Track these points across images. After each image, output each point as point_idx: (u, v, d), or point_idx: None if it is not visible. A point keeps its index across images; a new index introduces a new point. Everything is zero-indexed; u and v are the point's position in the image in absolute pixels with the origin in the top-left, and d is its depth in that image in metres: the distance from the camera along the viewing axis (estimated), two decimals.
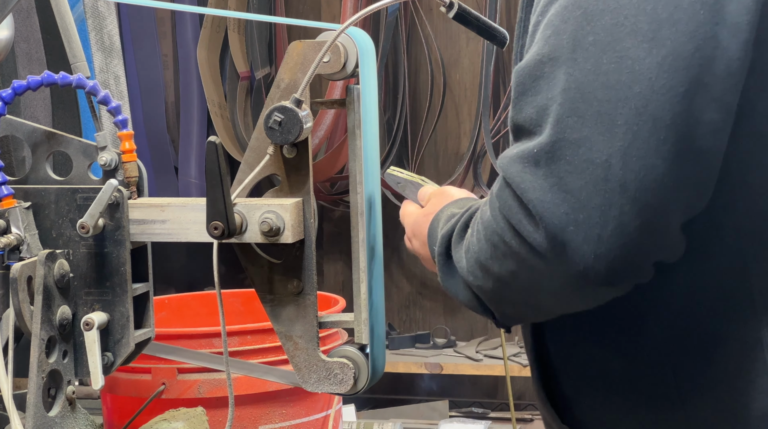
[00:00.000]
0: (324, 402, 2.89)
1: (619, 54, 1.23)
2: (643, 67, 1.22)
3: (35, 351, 1.54)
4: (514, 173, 1.26)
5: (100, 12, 4.01)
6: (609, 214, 1.22)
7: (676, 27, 1.23)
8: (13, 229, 1.59)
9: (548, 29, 1.28)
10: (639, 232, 1.23)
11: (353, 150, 1.60)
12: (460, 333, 4.87)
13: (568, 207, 1.22)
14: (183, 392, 2.78)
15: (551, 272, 1.27)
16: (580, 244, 1.23)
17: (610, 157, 1.22)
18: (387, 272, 4.82)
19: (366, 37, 1.61)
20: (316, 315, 1.59)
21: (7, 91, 1.62)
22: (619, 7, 1.24)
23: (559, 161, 1.23)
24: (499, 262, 1.31)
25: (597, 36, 1.24)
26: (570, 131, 1.23)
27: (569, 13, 1.26)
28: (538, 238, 1.24)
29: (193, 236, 1.57)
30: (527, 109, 1.28)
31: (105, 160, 1.61)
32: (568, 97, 1.24)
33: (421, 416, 4.63)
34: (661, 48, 1.22)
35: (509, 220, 1.27)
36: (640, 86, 1.22)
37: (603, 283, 1.26)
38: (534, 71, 1.27)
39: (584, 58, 1.24)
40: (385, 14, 4.58)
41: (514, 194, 1.26)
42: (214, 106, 4.60)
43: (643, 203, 1.22)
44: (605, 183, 1.22)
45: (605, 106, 1.22)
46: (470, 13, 1.69)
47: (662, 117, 1.22)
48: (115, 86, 4.05)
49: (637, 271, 1.27)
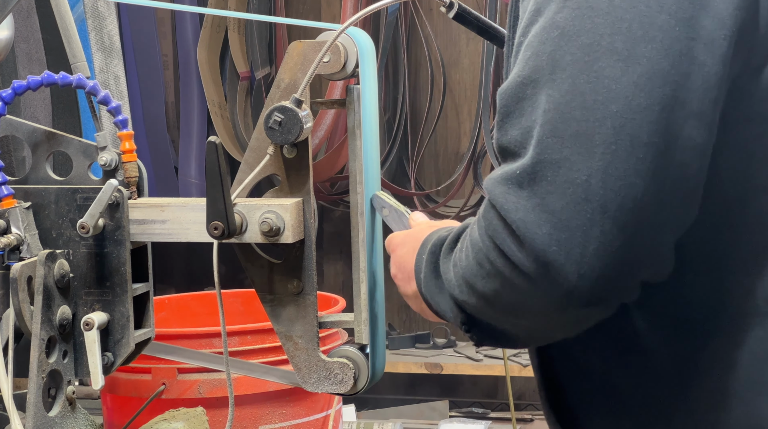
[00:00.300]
0: (324, 402, 2.89)
1: (596, 74, 1.23)
2: (620, 86, 1.23)
3: (35, 351, 1.54)
4: (498, 194, 1.27)
5: (100, 12, 4.01)
6: (591, 233, 1.22)
7: (651, 45, 1.23)
8: (13, 229, 1.59)
9: (528, 50, 1.28)
10: (621, 252, 1.23)
11: (353, 150, 1.60)
12: (460, 333, 4.86)
13: (551, 227, 1.23)
14: (183, 392, 2.78)
15: (535, 292, 1.27)
16: (563, 263, 1.23)
17: (590, 177, 1.22)
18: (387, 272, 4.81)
19: (366, 37, 1.61)
20: (316, 315, 1.59)
21: (7, 91, 1.62)
22: (595, 26, 1.24)
23: (541, 182, 1.24)
24: (485, 280, 1.31)
25: (574, 56, 1.24)
26: (550, 152, 1.24)
27: (547, 33, 1.27)
28: (521, 257, 1.25)
29: (193, 236, 1.57)
30: (512, 131, 1.29)
31: (105, 160, 1.61)
32: (548, 118, 1.25)
33: (421, 416, 4.63)
34: (636, 66, 1.23)
35: (494, 240, 1.28)
36: (617, 105, 1.22)
37: (586, 304, 1.26)
38: (516, 93, 1.28)
39: (562, 78, 1.25)
40: (385, 14, 4.58)
41: (498, 215, 1.27)
42: (214, 106, 4.60)
43: (623, 222, 1.23)
44: (586, 203, 1.22)
45: (583, 126, 1.23)
46: (470, 13, 1.69)
47: (639, 135, 1.22)
48: (115, 86, 4.05)
49: (622, 290, 1.27)
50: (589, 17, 1.24)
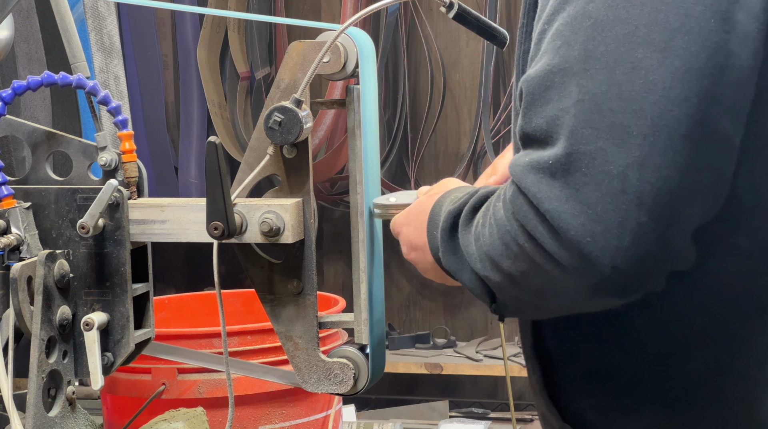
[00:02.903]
0: (324, 402, 2.89)
1: (632, 65, 1.23)
2: (657, 77, 1.22)
3: (35, 351, 1.54)
4: (530, 183, 1.26)
5: (100, 12, 4.01)
6: (626, 226, 1.22)
7: (689, 36, 1.22)
8: (13, 229, 1.59)
9: (557, 39, 1.27)
10: (656, 244, 1.23)
11: (353, 150, 1.60)
12: (460, 333, 4.87)
13: (586, 218, 1.22)
14: (183, 392, 2.78)
15: (565, 279, 1.27)
16: (598, 255, 1.23)
17: (626, 169, 1.22)
18: (387, 272, 4.82)
19: (366, 37, 1.61)
20: (316, 315, 1.59)
21: (7, 91, 1.62)
22: (630, 17, 1.24)
23: (576, 173, 1.23)
24: (511, 261, 1.31)
25: (609, 47, 1.24)
26: (585, 143, 1.23)
27: (579, 23, 1.26)
28: (555, 246, 1.25)
29: (193, 236, 1.57)
30: (537, 119, 1.27)
31: (105, 160, 1.61)
32: (582, 108, 1.23)
33: (421, 416, 4.63)
34: (674, 58, 1.22)
35: (524, 226, 1.27)
36: (655, 97, 1.22)
37: (617, 294, 1.27)
38: (544, 81, 1.27)
39: (596, 69, 1.24)
40: (385, 14, 4.58)
41: (529, 202, 1.26)
42: (214, 106, 4.60)
43: (659, 214, 1.22)
44: (622, 195, 1.22)
45: (620, 118, 1.22)
46: (470, 13, 1.69)
47: (677, 128, 1.21)
48: (115, 86, 4.05)
49: (652, 282, 1.27)
50: (624, 8, 1.24)
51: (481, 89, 4.52)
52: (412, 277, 4.91)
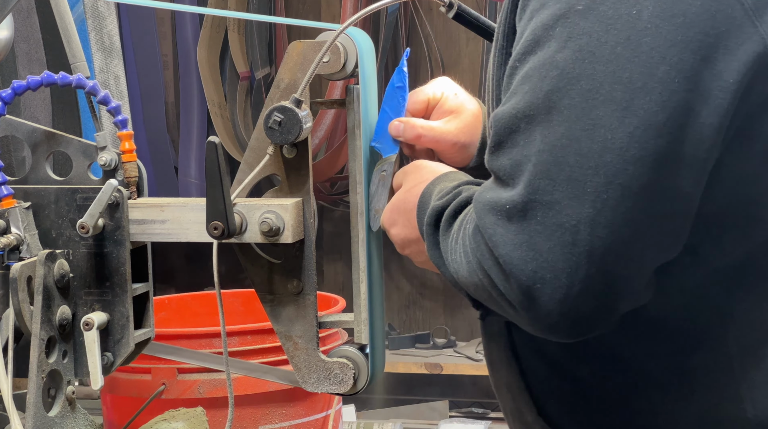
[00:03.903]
0: (324, 402, 2.90)
1: (592, 122, 1.24)
2: (616, 136, 1.23)
3: (35, 351, 1.54)
4: (487, 224, 1.28)
5: (100, 12, 4.01)
6: (575, 276, 1.24)
7: (650, 96, 1.23)
8: (13, 229, 1.59)
9: (525, 83, 1.28)
10: (604, 293, 1.25)
11: (353, 150, 1.60)
12: (460, 333, 4.87)
13: (536, 265, 1.24)
14: (183, 392, 2.78)
15: (518, 318, 1.30)
16: (547, 301, 1.25)
17: (579, 223, 1.23)
18: (387, 272, 4.82)
19: (366, 37, 1.61)
20: (315, 315, 1.59)
21: (7, 91, 1.62)
22: (596, 73, 1.24)
23: (530, 221, 1.25)
24: (474, 288, 1.34)
25: (572, 100, 1.25)
26: (542, 193, 1.25)
27: (546, 71, 1.27)
28: (506, 288, 1.27)
29: (193, 236, 1.57)
30: (502, 159, 1.30)
31: (105, 160, 1.61)
32: (542, 159, 1.25)
33: (421, 416, 4.63)
34: (633, 117, 1.23)
35: (481, 264, 1.30)
36: (611, 155, 1.23)
37: (566, 336, 1.29)
38: (510, 124, 1.29)
39: (558, 121, 1.25)
40: (385, 14, 4.58)
41: (485, 242, 1.29)
42: (214, 106, 4.60)
43: (608, 268, 1.24)
44: (573, 247, 1.23)
45: (576, 172, 1.24)
46: (470, 13, 1.69)
47: (630, 186, 1.23)
48: (115, 86, 4.05)
49: (602, 325, 1.29)
50: (591, 62, 1.24)
51: (481, 89, 4.52)
52: (412, 277, 4.91)
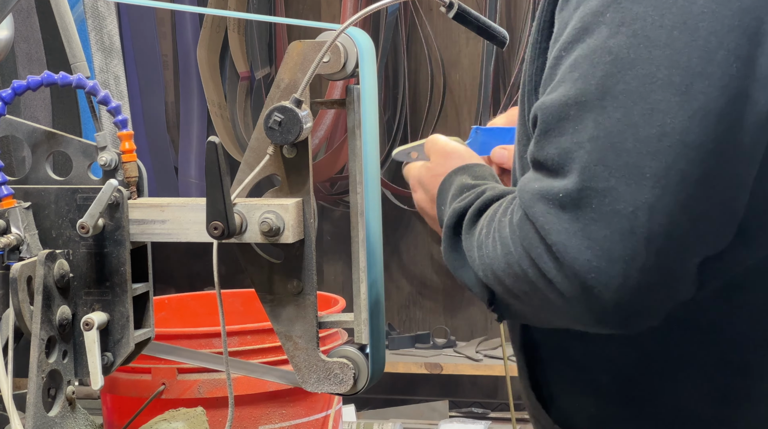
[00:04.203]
0: (324, 402, 2.89)
1: (650, 106, 1.22)
2: (675, 121, 1.21)
3: (35, 351, 1.54)
4: (538, 212, 1.25)
5: (100, 12, 4.01)
6: (632, 265, 1.22)
7: (709, 81, 1.21)
8: (13, 229, 1.59)
9: (575, 70, 1.26)
10: (660, 283, 1.23)
11: (353, 150, 1.60)
12: (460, 333, 4.87)
13: (592, 254, 1.22)
14: (183, 392, 2.78)
15: (566, 309, 1.27)
16: (601, 291, 1.23)
17: (637, 210, 1.21)
18: (387, 272, 4.82)
19: (366, 37, 1.60)
20: (315, 315, 1.59)
21: (7, 91, 1.62)
22: (652, 57, 1.22)
23: (585, 209, 1.22)
24: (513, 280, 1.31)
25: (628, 85, 1.23)
26: (597, 180, 1.22)
27: (598, 57, 1.24)
28: (558, 277, 1.24)
29: (193, 236, 1.57)
30: (549, 148, 1.27)
31: (105, 160, 1.61)
32: (597, 145, 1.23)
33: (421, 416, 4.63)
34: (693, 102, 1.21)
35: (529, 253, 1.27)
36: (671, 140, 1.21)
37: (616, 327, 1.27)
38: (559, 112, 1.26)
39: (614, 107, 1.23)
40: (385, 14, 4.58)
41: (536, 231, 1.26)
42: (214, 106, 4.60)
43: (666, 256, 1.22)
44: (630, 235, 1.21)
45: (634, 158, 1.21)
46: (470, 13, 1.69)
47: (691, 172, 1.21)
48: (115, 86, 4.05)
49: (653, 317, 1.28)
50: (646, 47, 1.23)
51: (481, 89, 4.52)
52: (412, 277, 4.91)
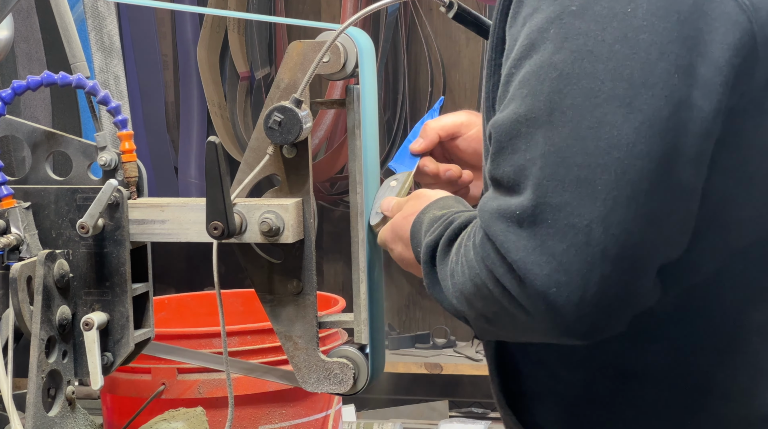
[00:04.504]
0: (324, 402, 2.89)
1: (597, 119, 1.24)
2: (622, 133, 1.23)
3: (35, 351, 1.54)
4: (497, 232, 1.27)
5: (100, 12, 4.01)
6: (590, 277, 1.23)
7: (652, 92, 1.23)
8: (13, 229, 1.59)
9: (524, 87, 1.28)
10: (619, 294, 1.25)
11: (353, 150, 1.60)
12: (460, 333, 4.87)
13: (551, 269, 1.24)
14: (183, 392, 2.78)
15: (533, 324, 1.29)
16: (563, 305, 1.24)
17: (591, 223, 1.23)
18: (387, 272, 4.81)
19: (366, 37, 1.61)
20: (315, 315, 1.59)
21: (7, 91, 1.62)
22: (596, 71, 1.24)
23: (542, 224, 1.24)
24: (482, 302, 1.33)
25: (574, 100, 1.24)
26: (551, 196, 1.24)
27: (545, 73, 1.26)
28: (521, 294, 1.26)
29: (193, 236, 1.57)
30: (504, 166, 1.29)
31: (105, 160, 1.61)
32: (548, 161, 1.25)
33: (421, 416, 4.63)
34: (638, 113, 1.23)
35: (492, 272, 1.29)
36: (619, 153, 1.23)
37: (580, 338, 1.29)
38: (511, 130, 1.28)
39: (562, 122, 1.25)
40: (385, 14, 4.57)
41: (496, 250, 1.28)
42: (214, 106, 4.60)
43: (623, 266, 1.24)
44: (587, 247, 1.23)
45: (585, 172, 1.24)
46: (470, 13, 1.69)
47: (640, 182, 1.23)
48: (115, 86, 4.05)
49: (614, 327, 1.29)
50: (590, 62, 1.25)
51: (481, 89, 4.51)
52: (412, 277, 4.91)
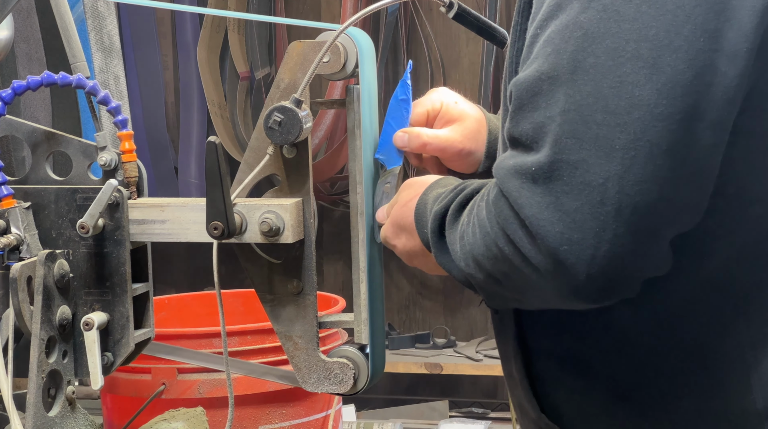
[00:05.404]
0: (324, 402, 2.89)
1: (619, 79, 1.24)
2: (643, 93, 1.23)
3: (35, 351, 1.54)
4: (512, 188, 1.28)
5: (100, 12, 4.01)
6: (603, 236, 1.23)
7: (677, 54, 1.24)
8: (13, 229, 1.59)
9: (548, 46, 1.28)
10: (631, 254, 1.25)
11: (353, 150, 1.60)
12: (460, 333, 4.87)
13: (564, 226, 1.24)
14: (183, 392, 2.78)
15: (542, 283, 1.29)
16: (574, 263, 1.24)
17: (607, 181, 1.23)
18: (387, 272, 4.82)
19: (366, 37, 1.61)
20: (315, 315, 1.59)
21: (7, 91, 1.62)
22: (621, 31, 1.25)
23: (557, 181, 1.25)
24: (492, 262, 1.33)
25: (598, 59, 1.25)
26: (568, 152, 1.24)
27: (570, 32, 1.27)
28: (532, 251, 1.27)
29: (193, 236, 1.57)
30: (524, 123, 1.29)
31: (105, 160, 1.61)
32: (568, 118, 1.25)
33: (421, 416, 4.63)
34: (660, 74, 1.23)
35: (505, 230, 1.29)
36: (639, 112, 1.23)
37: (591, 300, 1.29)
38: (532, 87, 1.28)
39: (584, 80, 1.25)
40: (385, 14, 4.58)
41: (510, 206, 1.28)
42: (214, 106, 4.60)
43: (637, 227, 1.24)
44: (601, 206, 1.23)
45: (604, 130, 1.24)
46: (470, 13, 1.69)
47: (659, 143, 1.23)
48: (115, 86, 4.05)
49: (626, 289, 1.29)
50: (615, 21, 1.25)
51: (481, 89, 4.52)
52: (412, 277, 4.91)
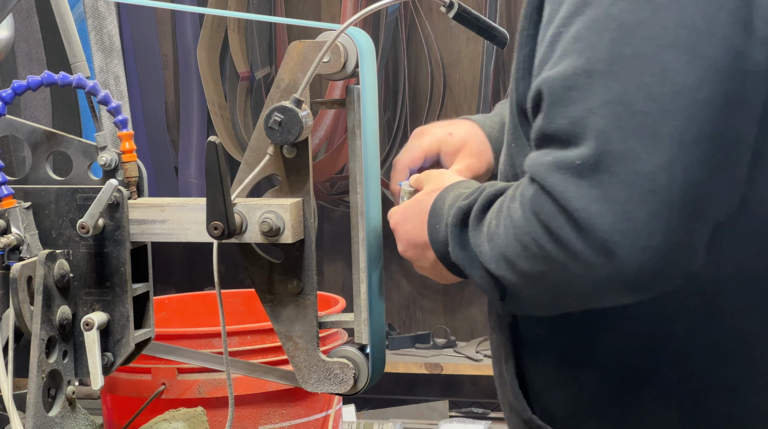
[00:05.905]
0: (324, 402, 2.89)
1: (660, 66, 1.24)
2: (686, 79, 1.24)
3: (35, 351, 1.54)
4: (555, 183, 1.26)
5: (100, 12, 4.01)
6: (655, 225, 1.23)
7: (714, 40, 1.24)
8: (13, 229, 1.59)
9: (578, 42, 1.28)
10: (682, 243, 1.25)
11: (353, 150, 1.60)
12: (460, 333, 4.87)
13: (614, 217, 1.23)
14: (183, 392, 2.78)
15: (587, 277, 1.28)
16: (625, 254, 1.24)
17: (657, 169, 1.23)
18: (387, 272, 4.82)
19: (366, 37, 1.61)
20: (316, 315, 1.59)
21: (7, 91, 1.62)
22: (657, 19, 1.25)
23: (604, 173, 1.24)
24: (529, 261, 1.31)
25: (636, 48, 1.25)
26: (614, 143, 1.24)
27: (603, 25, 1.27)
28: (581, 246, 1.25)
29: (193, 236, 1.57)
30: (559, 119, 1.28)
31: (105, 160, 1.61)
32: (610, 109, 1.25)
33: (421, 416, 4.63)
34: (702, 60, 1.24)
35: (547, 226, 1.28)
36: (684, 99, 1.23)
37: (637, 291, 1.28)
38: (566, 83, 1.28)
39: (624, 70, 1.25)
40: (385, 14, 4.58)
41: (553, 201, 1.27)
42: (214, 106, 4.60)
43: (687, 213, 1.24)
44: (651, 194, 1.23)
45: (649, 119, 1.24)
46: (470, 13, 1.69)
47: (705, 128, 1.23)
48: (115, 86, 4.05)
49: (672, 280, 1.28)
50: (651, 10, 1.25)
51: (481, 89, 4.52)
52: (412, 277, 4.91)
